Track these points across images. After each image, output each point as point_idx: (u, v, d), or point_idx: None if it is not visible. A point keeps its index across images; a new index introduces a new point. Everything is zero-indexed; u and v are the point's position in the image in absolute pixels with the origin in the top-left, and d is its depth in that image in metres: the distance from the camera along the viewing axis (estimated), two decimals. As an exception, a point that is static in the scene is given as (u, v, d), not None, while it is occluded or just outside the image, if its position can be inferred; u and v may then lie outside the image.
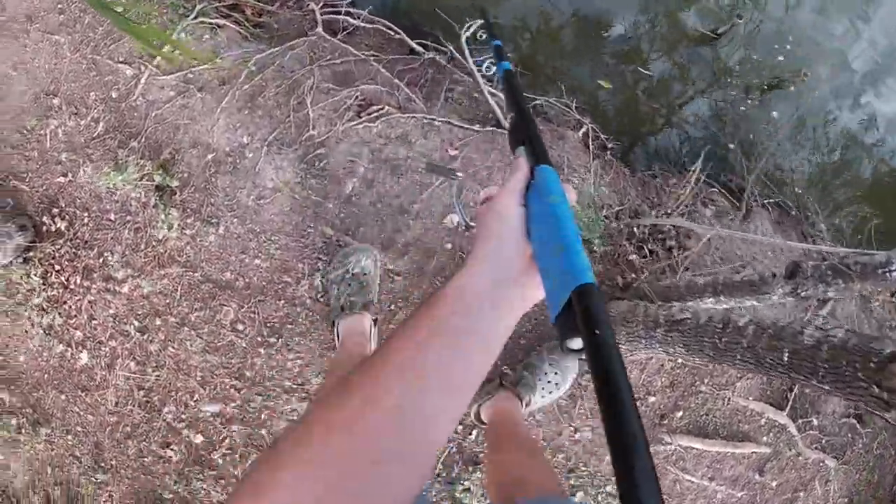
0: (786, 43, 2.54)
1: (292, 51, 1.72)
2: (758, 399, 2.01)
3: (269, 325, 1.64)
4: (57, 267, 1.83)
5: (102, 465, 1.85)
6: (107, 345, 1.80)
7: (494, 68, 1.07)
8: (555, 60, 2.18)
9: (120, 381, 1.80)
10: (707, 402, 1.86)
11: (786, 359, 1.17)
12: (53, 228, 1.84)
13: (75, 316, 1.82)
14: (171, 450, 1.77)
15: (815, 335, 1.14)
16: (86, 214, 1.81)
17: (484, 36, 1.22)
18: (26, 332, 1.90)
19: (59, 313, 1.83)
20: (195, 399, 1.73)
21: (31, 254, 1.85)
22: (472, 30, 1.90)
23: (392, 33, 1.84)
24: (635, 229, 1.71)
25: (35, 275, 1.84)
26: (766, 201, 2.24)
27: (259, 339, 1.64)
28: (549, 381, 1.57)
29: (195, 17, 1.79)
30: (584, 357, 0.35)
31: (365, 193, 1.58)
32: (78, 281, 1.80)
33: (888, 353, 0.96)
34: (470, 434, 1.65)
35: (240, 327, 1.66)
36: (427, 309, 0.44)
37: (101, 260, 1.78)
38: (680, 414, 1.76)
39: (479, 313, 0.44)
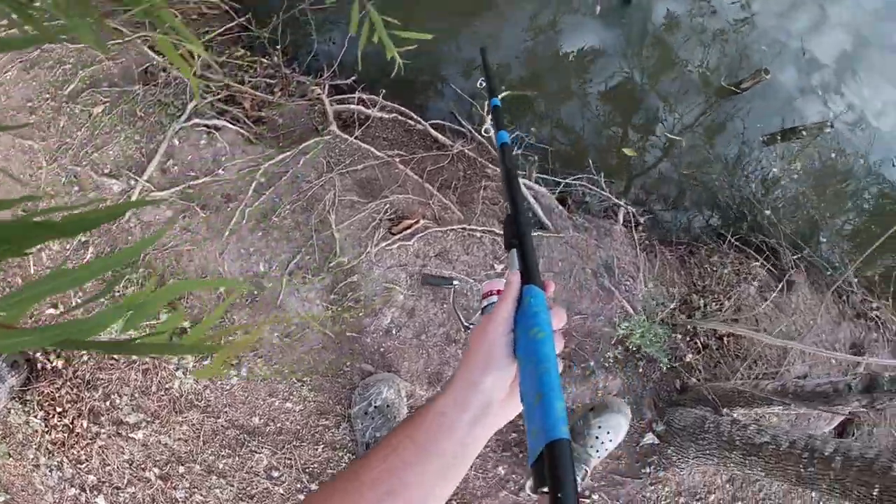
0: (813, 91, 2.36)
1: (305, 155, 1.50)
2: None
3: (307, 470, 1.47)
4: (59, 409, 1.63)
5: None
6: (125, 491, 1.62)
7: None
8: (575, 133, 1.98)
9: (144, 526, 1.63)
10: (763, 489, 1.76)
11: (875, 493, 1.11)
12: (49, 366, 1.64)
13: (86, 461, 1.63)
14: (207, 593, 1.63)
15: (910, 471, 1.05)
16: (84, 352, 1.60)
17: (482, 85, 1.01)
18: (32, 471, 1.72)
19: (67, 457, 1.65)
20: (230, 544, 1.58)
21: (27, 396, 1.65)
22: (490, 117, 1.69)
23: (412, 123, 1.63)
24: (689, 327, 1.57)
25: (35, 417, 1.64)
26: (795, 258, 2.11)
27: (298, 485, 1.48)
28: (602, 443, 1.41)
29: (188, 119, 1.56)
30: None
31: (406, 324, 1.40)
32: (84, 425, 1.61)
33: None
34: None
35: (275, 474, 1.49)
36: (409, 432, 0.47)
37: (108, 402, 1.58)
38: (741, 506, 1.66)
39: (460, 441, 0.47)
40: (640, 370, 1.52)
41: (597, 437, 1.40)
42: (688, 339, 1.61)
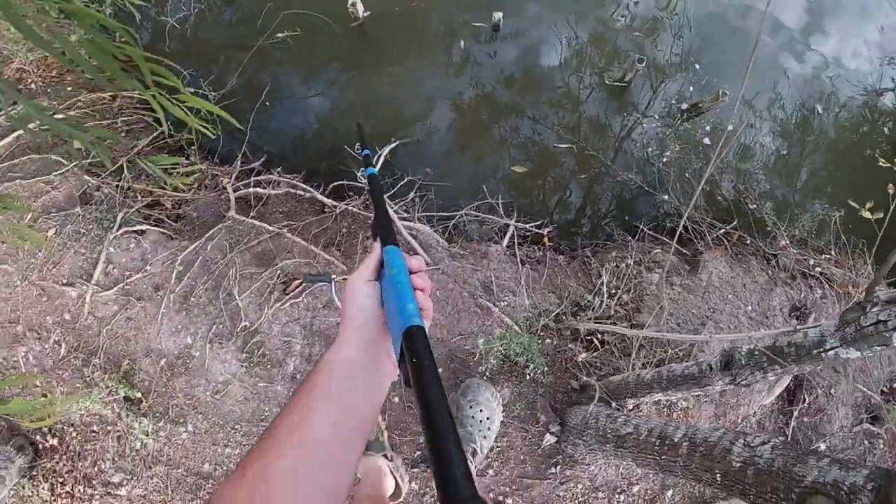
0: (695, 63, 2.52)
1: (212, 241, 1.81)
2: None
3: (255, 502, 1.75)
4: (60, 479, 1.98)
5: None
6: (121, 539, 1.94)
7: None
8: (467, 164, 2.21)
9: (143, 568, 1.94)
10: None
11: (719, 479, 1.21)
12: (48, 445, 1.98)
13: (88, 519, 1.97)
14: None
15: (742, 455, 1.17)
16: (72, 429, 1.94)
17: (359, 148, 1.27)
18: (51, 536, 2.06)
19: (74, 518, 1.98)
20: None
21: (34, 472, 2.00)
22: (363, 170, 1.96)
23: (303, 192, 1.91)
24: (579, 328, 1.76)
25: (43, 489, 1.99)
26: (719, 233, 2.24)
27: (250, 516, 1.76)
28: (480, 422, 1.55)
29: (119, 229, 1.89)
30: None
31: (307, 369, 1.67)
32: (82, 490, 1.94)
33: (807, 483, 1.00)
34: None
35: (230, 509, 1.77)
36: (309, 378, 0.53)
37: (96, 468, 1.91)
38: (670, 493, 1.81)
39: (352, 374, 0.53)
40: (529, 377, 1.73)
41: (472, 417, 1.55)
42: (578, 339, 1.79)
